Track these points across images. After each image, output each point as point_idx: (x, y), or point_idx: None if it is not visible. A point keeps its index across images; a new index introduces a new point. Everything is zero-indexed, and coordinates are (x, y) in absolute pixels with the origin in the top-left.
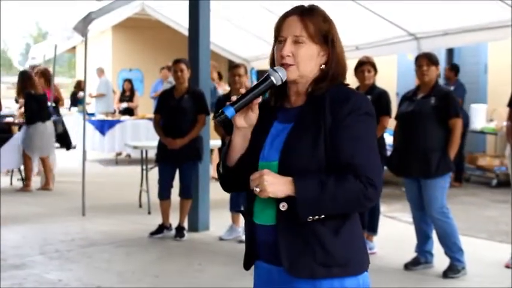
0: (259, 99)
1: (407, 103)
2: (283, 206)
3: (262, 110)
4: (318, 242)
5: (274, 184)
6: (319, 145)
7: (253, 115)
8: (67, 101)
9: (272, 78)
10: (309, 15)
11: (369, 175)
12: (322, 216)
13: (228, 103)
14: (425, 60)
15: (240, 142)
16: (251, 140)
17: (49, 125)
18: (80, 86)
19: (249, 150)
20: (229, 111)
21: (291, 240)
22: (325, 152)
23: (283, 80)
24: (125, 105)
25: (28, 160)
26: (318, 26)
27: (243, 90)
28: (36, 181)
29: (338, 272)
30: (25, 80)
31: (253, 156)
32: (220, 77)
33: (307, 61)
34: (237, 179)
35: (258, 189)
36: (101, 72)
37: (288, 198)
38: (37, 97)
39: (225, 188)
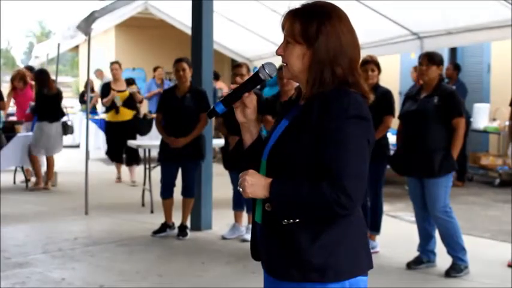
0: (248, 94)
1: (410, 102)
2: (267, 207)
3: (284, 106)
4: (295, 246)
5: (254, 185)
6: (304, 146)
7: (249, 110)
8: (74, 101)
9: (260, 74)
10: (298, 14)
11: (344, 183)
12: (297, 220)
13: (220, 99)
14: (425, 59)
15: (247, 137)
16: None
17: (56, 126)
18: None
19: (257, 145)
20: (219, 107)
21: (271, 240)
22: (310, 152)
23: (272, 76)
24: None
25: (35, 159)
26: (304, 24)
27: (233, 86)
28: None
29: (315, 277)
30: (41, 77)
31: (260, 151)
32: (216, 77)
33: (295, 61)
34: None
35: (241, 190)
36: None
37: (267, 198)
38: (48, 97)
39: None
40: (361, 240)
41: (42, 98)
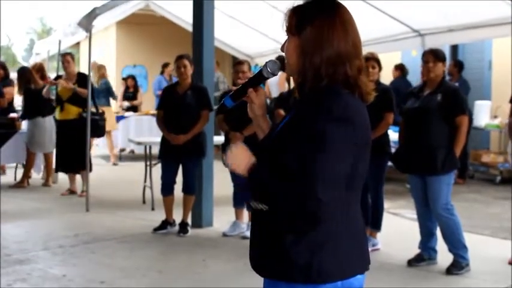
0: (252, 90)
1: (413, 99)
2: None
3: (278, 103)
4: (279, 245)
5: (237, 159)
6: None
7: (255, 106)
8: None
9: (263, 72)
10: (298, 7)
11: (312, 185)
12: (265, 207)
13: (229, 94)
14: (431, 56)
15: (258, 131)
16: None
17: (49, 119)
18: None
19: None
20: (228, 101)
21: (258, 239)
22: (293, 148)
23: (275, 74)
24: (127, 103)
25: (31, 156)
26: (299, 17)
27: (241, 81)
28: (37, 178)
29: (298, 277)
30: (24, 75)
31: None
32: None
33: (291, 54)
34: None
35: (225, 159)
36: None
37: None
38: (36, 92)
39: None
40: (355, 239)
41: (30, 94)
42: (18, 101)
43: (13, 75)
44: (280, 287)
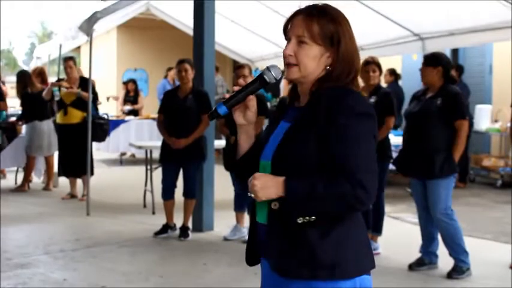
0: (252, 97)
1: (415, 103)
2: (274, 205)
3: (278, 108)
4: (304, 244)
5: (265, 188)
6: (312, 145)
7: (251, 113)
8: None
9: (265, 76)
10: (315, 15)
11: (359, 177)
12: (313, 218)
13: (222, 101)
14: (424, 61)
15: (244, 139)
16: (261, 138)
17: (47, 123)
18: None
19: (256, 148)
20: (221, 109)
21: (278, 239)
22: (318, 151)
23: (277, 79)
24: (128, 107)
25: (31, 160)
26: (323, 26)
27: (236, 88)
28: (38, 182)
29: (324, 274)
30: (22, 79)
31: (257, 154)
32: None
33: (309, 62)
34: (244, 172)
35: (252, 195)
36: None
37: (280, 197)
38: (34, 96)
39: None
40: (364, 239)
41: (27, 98)
42: (14, 104)
43: (14, 78)
44: (297, 285)
